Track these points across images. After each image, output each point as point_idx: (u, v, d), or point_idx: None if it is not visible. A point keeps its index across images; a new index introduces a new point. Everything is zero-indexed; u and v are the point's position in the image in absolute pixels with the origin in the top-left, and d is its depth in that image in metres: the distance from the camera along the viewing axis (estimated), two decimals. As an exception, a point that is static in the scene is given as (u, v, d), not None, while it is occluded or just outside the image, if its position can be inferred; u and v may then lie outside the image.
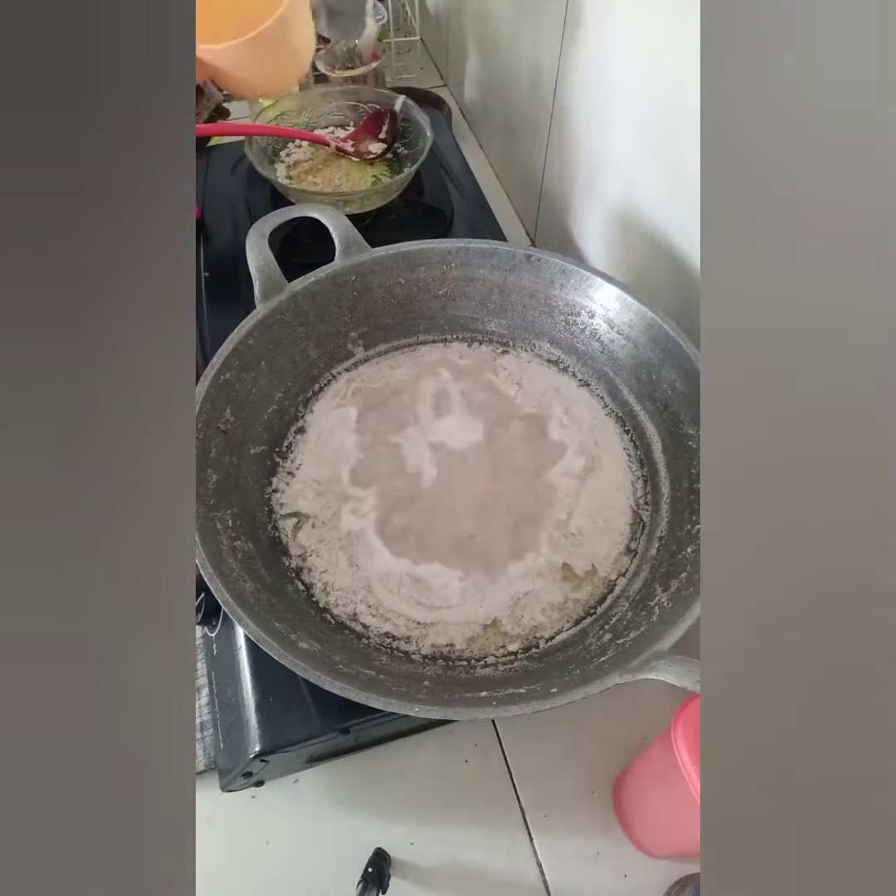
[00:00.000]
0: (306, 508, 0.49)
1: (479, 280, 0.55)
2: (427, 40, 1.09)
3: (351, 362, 0.56)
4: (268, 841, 0.47)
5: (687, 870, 0.46)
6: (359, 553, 0.47)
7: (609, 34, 0.55)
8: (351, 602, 0.46)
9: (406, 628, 0.45)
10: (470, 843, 0.47)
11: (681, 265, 0.53)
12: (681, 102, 0.48)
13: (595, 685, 0.35)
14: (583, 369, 0.56)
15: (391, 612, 0.45)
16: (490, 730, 0.51)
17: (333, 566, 0.47)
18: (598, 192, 0.65)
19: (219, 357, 0.46)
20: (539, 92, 0.71)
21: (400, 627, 0.45)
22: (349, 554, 0.47)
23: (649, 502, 0.50)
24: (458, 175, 0.72)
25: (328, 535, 0.48)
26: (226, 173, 0.72)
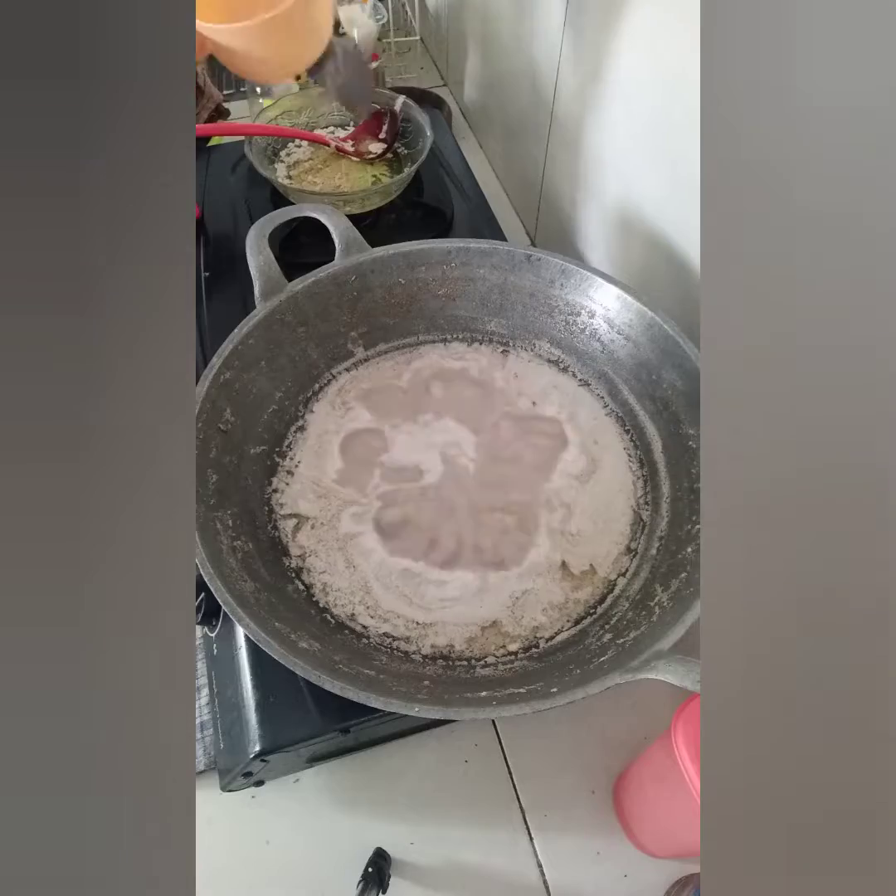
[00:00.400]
0: (306, 510, 0.49)
1: (479, 280, 0.55)
2: (427, 40, 1.09)
3: (351, 362, 0.56)
4: (268, 841, 0.47)
5: (687, 869, 0.46)
6: (356, 554, 0.47)
7: (609, 34, 0.55)
8: (350, 603, 0.46)
9: (405, 629, 0.45)
10: (470, 842, 0.47)
11: (681, 265, 0.53)
12: (681, 102, 0.48)
13: (595, 685, 0.35)
14: (583, 369, 0.56)
15: (390, 613, 0.45)
16: (490, 730, 0.51)
17: (332, 567, 0.47)
18: (598, 191, 0.65)
19: (219, 357, 0.46)
20: (539, 92, 0.71)
21: (399, 628, 0.45)
22: (346, 555, 0.47)
23: (649, 502, 0.50)
24: (458, 175, 0.72)
25: (327, 535, 0.48)
26: (226, 173, 0.72)
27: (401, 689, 0.37)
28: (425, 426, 0.53)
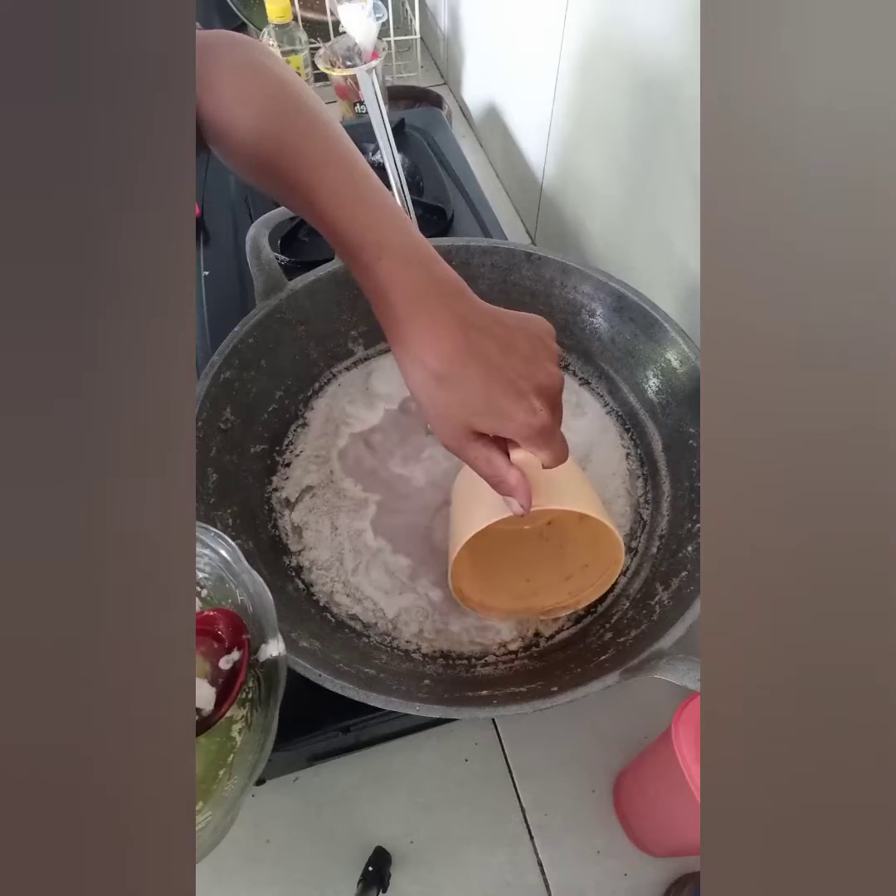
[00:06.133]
0: (308, 481, 0.50)
1: (480, 278, 0.55)
2: (427, 39, 1.08)
3: (351, 361, 0.56)
4: (268, 840, 0.47)
5: (687, 868, 0.46)
6: (341, 519, 0.49)
7: (609, 31, 0.55)
8: (330, 581, 0.46)
9: (373, 615, 0.46)
10: (470, 841, 0.47)
11: (681, 265, 0.53)
12: (681, 101, 0.48)
13: (595, 684, 0.35)
14: (583, 368, 0.56)
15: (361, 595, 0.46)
16: (490, 728, 0.51)
17: (318, 535, 0.48)
18: (598, 190, 0.65)
19: (219, 356, 0.46)
20: (539, 90, 0.71)
21: (367, 613, 0.46)
22: (332, 519, 0.49)
23: (650, 501, 0.50)
24: (459, 173, 0.72)
25: (318, 503, 0.50)
26: (226, 173, 0.72)
27: (401, 688, 0.37)
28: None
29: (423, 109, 0.83)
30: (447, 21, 0.97)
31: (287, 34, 0.85)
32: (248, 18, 0.97)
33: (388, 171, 0.53)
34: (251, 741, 0.30)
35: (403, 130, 0.75)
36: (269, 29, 0.84)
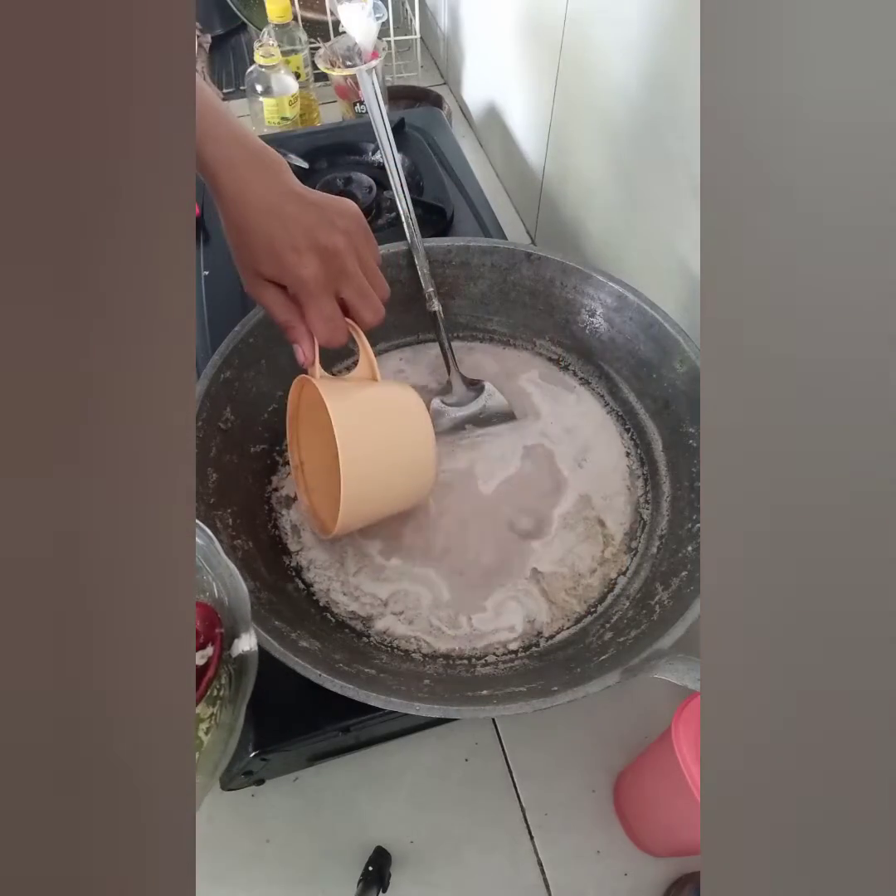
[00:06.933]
0: None
1: (480, 278, 0.55)
2: (427, 39, 1.08)
3: (352, 360, 0.56)
4: (268, 839, 0.47)
5: (687, 868, 0.46)
6: None
7: (609, 31, 0.55)
8: (327, 579, 0.46)
9: (371, 608, 0.45)
10: (470, 841, 0.47)
11: (681, 265, 0.53)
12: (681, 101, 0.48)
13: (596, 683, 0.35)
14: (583, 367, 0.56)
15: (360, 592, 0.46)
16: (490, 728, 0.51)
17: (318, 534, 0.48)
18: (597, 190, 0.65)
19: (219, 355, 0.46)
20: (539, 90, 0.71)
21: (365, 608, 0.45)
22: None
23: (650, 501, 0.50)
24: (458, 173, 0.72)
25: None
26: (226, 172, 0.72)
27: (401, 688, 0.37)
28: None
29: (422, 109, 0.82)
30: (447, 21, 0.97)
31: (287, 34, 0.85)
32: (248, 18, 0.97)
33: (388, 170, 0.53)
34: (218, 741, 0.30)
35: (403, 130, 0.75)
36: (269, 29, 0.84)
